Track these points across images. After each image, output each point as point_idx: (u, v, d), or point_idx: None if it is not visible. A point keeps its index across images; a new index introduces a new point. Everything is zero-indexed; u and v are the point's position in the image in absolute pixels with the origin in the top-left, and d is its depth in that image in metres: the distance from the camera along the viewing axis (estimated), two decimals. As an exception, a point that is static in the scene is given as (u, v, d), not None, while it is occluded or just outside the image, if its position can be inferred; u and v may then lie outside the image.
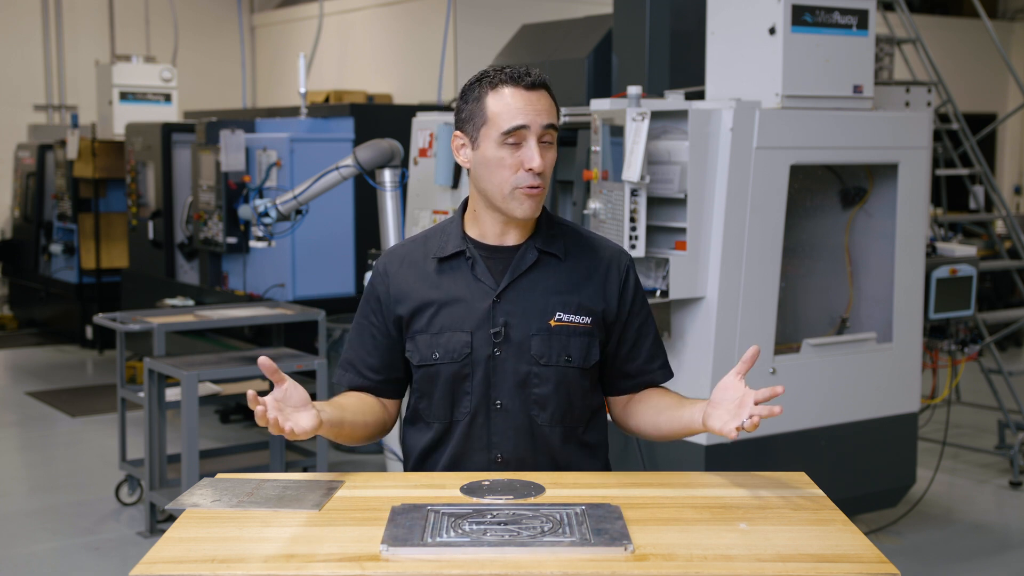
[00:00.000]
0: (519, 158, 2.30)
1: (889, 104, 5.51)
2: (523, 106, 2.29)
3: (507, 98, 2.30)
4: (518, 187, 2.30)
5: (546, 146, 2.32)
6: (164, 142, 8.36)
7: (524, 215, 2.33)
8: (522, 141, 2.30)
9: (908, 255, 5.07)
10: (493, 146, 2.31)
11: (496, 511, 2.04)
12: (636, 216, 4.33)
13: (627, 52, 5.40)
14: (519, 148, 2.30)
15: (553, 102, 2.36)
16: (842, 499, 2.66)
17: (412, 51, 11.38)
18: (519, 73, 2.32)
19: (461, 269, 2.39)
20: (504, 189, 2.31)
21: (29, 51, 12.31)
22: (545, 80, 2.35)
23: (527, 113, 2.29)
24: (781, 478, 2.30)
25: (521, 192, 2.30)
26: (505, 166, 2.30)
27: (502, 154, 2.30)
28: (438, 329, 2.37)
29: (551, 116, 2.33)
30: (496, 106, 2.31)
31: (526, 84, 2.31)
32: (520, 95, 2.30)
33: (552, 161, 2.34)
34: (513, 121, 2.29)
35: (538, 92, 2.32)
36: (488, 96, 2.33)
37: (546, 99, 2.33)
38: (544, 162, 2.30)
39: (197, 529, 1.99)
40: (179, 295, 7.55)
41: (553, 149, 2.34)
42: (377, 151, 5.64)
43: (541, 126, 2.30)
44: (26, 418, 7.64)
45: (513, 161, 2.30)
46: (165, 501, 5.07)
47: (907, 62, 6.95)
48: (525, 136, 2.29)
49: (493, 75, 2.34)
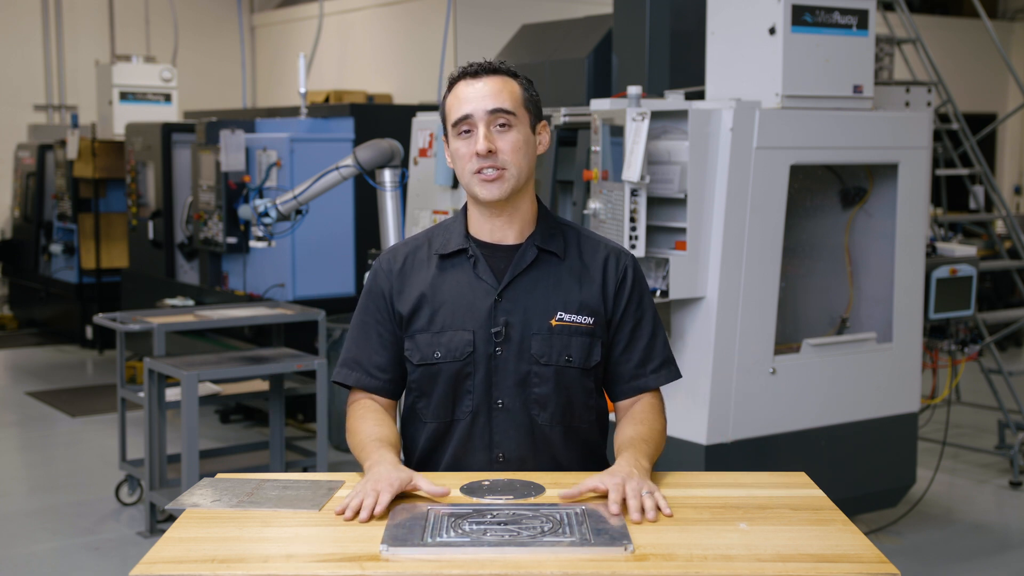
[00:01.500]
0: (471, 146, 2.33)
1: (889, 104, 5.51)
2: (467, 95, 2.34)
3: (456, 92, 2.36)
4: (473, 172, 2.33)
5: (501, 130, 2.33)
6: (164, 142, 8.36)
7: (486, 198, 2.34)
8: (473, 130, 2.33)
9: (908, 255, 5.07)
10: (453, 140, 2.37)
11: (496, 511, 2.04)
12: (636, 216, 4.33)
13: (627, 52, 5.40)
14: (471, 136, 2.34)
15: (510, 84, 2.36)
16: (842, 499, 2.66)
17: (412, 51, 11.37)
18: (469, 65, 2.38)
19: (463, 267, 2.39)
20: (465, 178, 2.36)
21: (29, 51, 12.31)
22: (496, 66, 2.37)
23: (470, 101, 2.33)
24: (781, 478, 2.30)
25: (477, 178, 2.33)
26: (461, 155, 2.35)
27: (458, 145, 2.36)
28: (439, 328, 2.37)
29: (498, 99, 2.33)
30: (450, 102, 2.38)
31: (471, 72, 2.36)
32: (465, 86, 2.35)
33: (513, 143, 2.33)
34: (459, 112, 2.34)
35: (485, 78, 2.35)
36: (447, 95, 2.40)
37: (495, 82, 2.35)
38: (497, 144, 2.31)
39: (197, 529, 1.99)
40: (179, 295, 7.55)
41: (513, 131, 2.34)
42: (377, 151, 5.64)
43: (485, 111, 2.32)
44: (26, 418, 7.63)
45: (467, 150, 2.34)
46: (165, 501, 5.07)
47: (907, 62, 6.95)
48: (474, 124, 2.33)
49: (452, 76, 2.40)
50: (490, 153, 2.31)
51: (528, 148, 2.36)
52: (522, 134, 2.35)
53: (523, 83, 2.40)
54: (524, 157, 2.35)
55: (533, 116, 2.39)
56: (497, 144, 2.32)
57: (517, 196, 2.38)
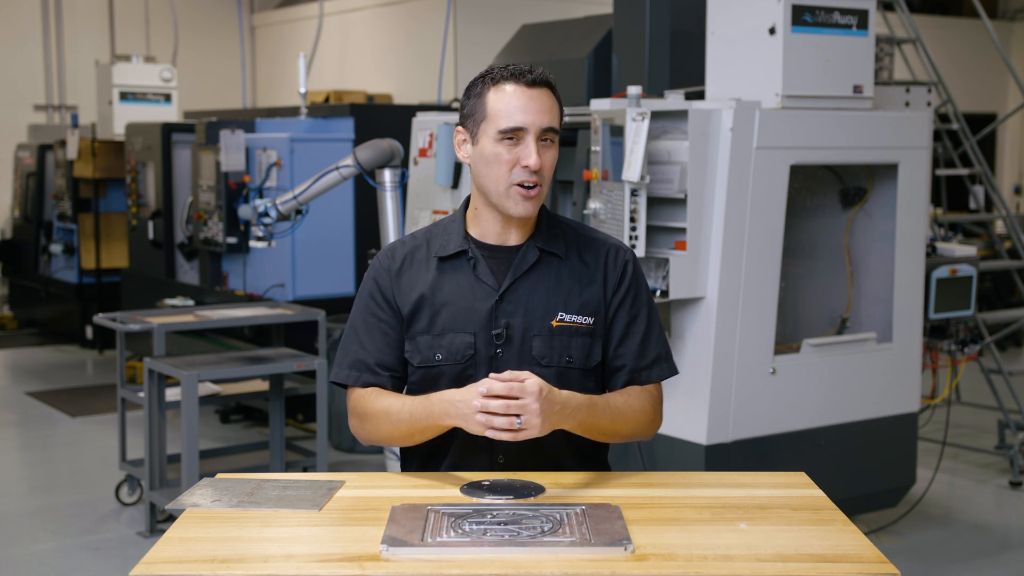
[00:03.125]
0: (516, 154, 2.28)
1: (889, 104, 5.51)
2: (523, 104, 2.28)
3: (507, 95, 2.29)
4: (514, 184, 2.29)
5: (546, 145, 2.30)
6: (164, 142, 8.36)
7: (520, 214, 2.32)
8: (520, 140, 2.29)
9: (908, 255, 5.07)
10: (491, 142, 2.30)
11: (496, 511, 2.04)
12: (636, 216, 4.33)
13: (627, 52, 5.40)
14: (517, 145, 2.29)
15: (556, 102, 2.34)
16: (842, 499, 2.66)
17: (412, 51, 11.37)
18: (521, 70, 2.31)
19: (463, 269, 2.38)
20: (500, 186, 2.31)
21: (29, 51, 12.31)
22: (547, 78, 2.33)
23: (527, 112, 2.28)
24: (781, 478, 2.30)
25: (516, 191, 2.29)
26: (502, 162, 2.29)
27: (499, 150, 2.29)
28: (440, 330, 2.36)
29: (552, 118, 2.30)
30: (497, 103, 2.30)
31: (527, 81, 2.30)
32: (521, 92, 2.29)
33: (552, 161, 2.32)
34: (511, 121, 2.28)
35: (539, 90, 2.30)
36: (490, 92, 2.32)
37: (547, 98, 2.31)
38: (542, 161, 2.29)
39: (197, 529, 1.99)
40: (179, 295, 7.54)
41: (553, 149, 2.32)
42: (377, 151, 5.64)
43: (540, 127, 2.28)
44: (26, 418, 7.63)
45: (510, 157, 2.29)
46: (165, 501, 5.07)
47: (907, 62, 6.95)
48: (523, 136, 2.28)
49: (496, 72, 2.33)
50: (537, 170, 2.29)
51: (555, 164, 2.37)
52: (557, 151, 2.35)
53: (558, 97, 2.37)
54: (552, 174, 2.36)
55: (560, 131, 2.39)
56: (541, 160, 2.30)
57: None
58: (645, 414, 2.40)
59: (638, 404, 2.39)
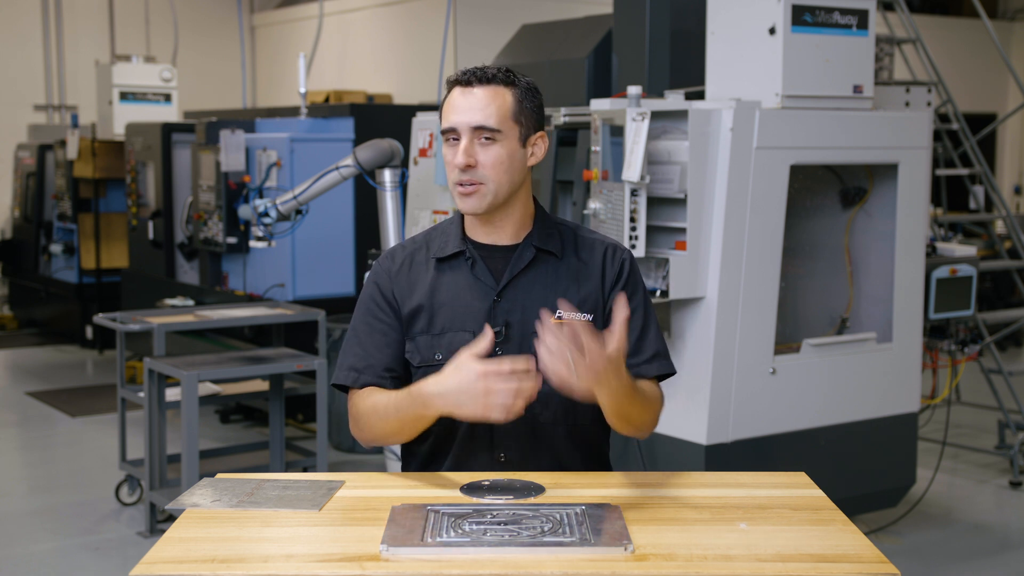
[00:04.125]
0: (454, 157, 2.34)
1: (889, 104, 5.51)
2: (457, 104, 2.33)
3: (450, 99, 2.36)
4: (456, 183, 2.34)
5: (486, 143, 2.31)
6: (164, 142, 8.36)
7: (465, 210, 2.36)
8: (458, 139, 2.33)
9: (908, 255, 5.07)
10: (443, 145, 2.38)
11: (496, 511, 2.04)
12: (636, 216, 4.33)
13: (627, 52, 5.40)
14: (457, 145, 2.34)
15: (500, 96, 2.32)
16: (842, 499, 2.66)
17: (412, 51, 11.38)
18: (465, 71, 2.36)
19: (461, 269, 2.39)
20: (450, 185, 2.37)
21: (29, 51, 12.31)
22: (490, 74, 2.33)
23: (458, 111, 2.32)
24: (781, 478, 2.30)
25: (456, 189, 2.34)
26: (448, 163, 2.36)
27: (446, 151, 2.36)
28: (439, 330, 2.37)
29: (484, 115, 2.30)
30: (444, 107, 2.38)
31: (463, 81, 2.35)
32: (457, 95, 2.35)
33: (495, 158, 2.31)
34: (446, 121, 2.34)
35: (477, 88, 2.32)
36: (445, 99, 2.39)
37: (483, 97, 2.32)
38: (478, 159, 2.30)
39: (197, 529, 1.99)
40: (179, 295, 7.54)
41: (494, 146, 2.31)
42: (377, 151, 5.64)
43: (469, 126, 2.31)
44: (26, 418, 7.63)
45: (451, 158, 2.34)
46: (165, 501, 5.07)
47: (907, 62, 6.95)
48: (458, 135, 2.33)
49: (450, 79, 2.39)
50: (468, 168, 2.30)
51: (512, 162, 2.34)
52: (506, 149, 2.32)
53: (519, 93, 2.36)
54: (506, 172, 2.33)
55: (524, 128, 2.36)
56: (478, 158, 2.30)
57: (505, 205, 2.37)
58: (658, 407, 2.41)
59: (654, 396, 2.39)
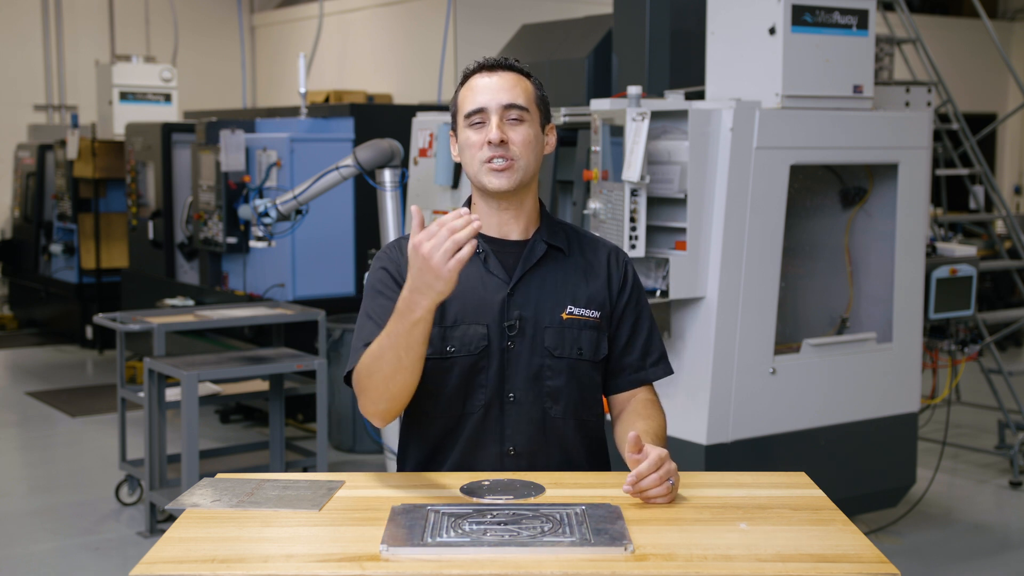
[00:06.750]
0: (483, 136, 2.36)
1: (889, 104, 5.51)
2: (483, 87, 2.38)
3: (471, 84, 2.41)
4: (483, 162, 2.36)
5: (514, 123, 2.37)
6: (164, 142, 8.36)
7: (494, 187, 2.36)
8: (486, 121, 2.37)
9: (908, 255, 5.07)
10: (464, 131, 2.40)
11: (496, 511, 2.04)
12: (636, 216, 4.33)
13: (627, 52, 5.40)
14: (484, 126, 2.37)
15: (524, 83, 2.41)
16: (842, 499, 2.66)
17: (412, 51, 11.38)
18: (485, 60, 2.43)
19: (473, 262, 2.39)
20: (475, 167, 2.38)
21: (29, 51, 12.31)
22: (511, 63, 2.43)
23: (486, 92, 2.37)
24: (781, 478, 2.30)
25: (486, 166, 2.36)
26: (472, 144, 2.38)
27: (469, 134, 2.38)
28: (451, 322, 2.36)
29: (514, 95, 2.37)
30: (464, 93, 2.42)
31: (487, 67, 2.41)
32: (481, 79, 2.40)
33: (525, 137, 2.37)
34: (474, 103, 2.38)
35: (499, 73, 2.40)
36: (461, 88, 2.44)
37: (509, 79, 2.39)
38: (509, 136, 2.35)
39: (197, 529, 1.99)
40: (179, 295, 7.54)
41: (524, 125, 2.37)
42: (377, 151, 5.64)
43: (500, 104, 2.36)
44: (26, 418, 7.63)
45: (478, 138, 2.37)
46: (165, 501, 5.07)
47: (907, 62, 6.95)
48: (487, 116, 2.36)
49: (467, 70, 2.46)
50: (502, 143, 2.34)
51: (537, 144, 2.40)
52: (533, 130, 2.39)
53: (535, 83, 2.45)
54: (533, 152, 2.39)
55: (543, 115, 2.44)
56: (509, 135, 2.35)
57: (523, 191, 2.41)
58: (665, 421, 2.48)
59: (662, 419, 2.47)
